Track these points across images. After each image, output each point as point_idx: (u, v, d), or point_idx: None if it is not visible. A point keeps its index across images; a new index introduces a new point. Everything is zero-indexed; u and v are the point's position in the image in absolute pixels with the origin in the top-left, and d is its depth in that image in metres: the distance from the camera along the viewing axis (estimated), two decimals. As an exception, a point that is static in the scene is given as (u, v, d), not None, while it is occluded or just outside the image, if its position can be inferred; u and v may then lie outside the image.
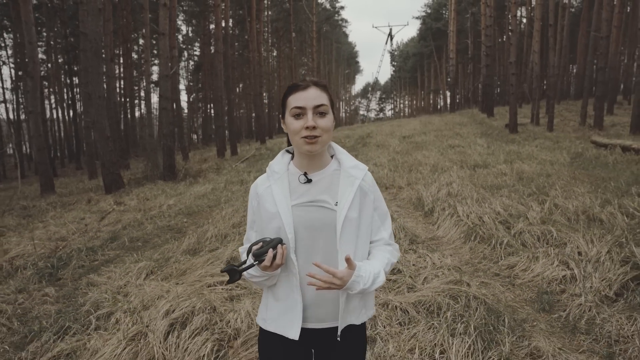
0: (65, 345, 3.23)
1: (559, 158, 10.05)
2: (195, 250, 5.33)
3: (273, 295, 1.52)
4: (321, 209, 1.45)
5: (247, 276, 1.45)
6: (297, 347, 1.50)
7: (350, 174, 1.50)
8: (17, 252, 6.07)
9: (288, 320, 1.46)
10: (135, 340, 3.09)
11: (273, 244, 1.38)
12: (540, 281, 3.76)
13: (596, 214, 5.09)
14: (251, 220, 1.59)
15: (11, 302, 4.31)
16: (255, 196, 1.55)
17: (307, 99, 1.40)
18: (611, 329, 2.90)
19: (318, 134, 1.40)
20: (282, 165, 1.54)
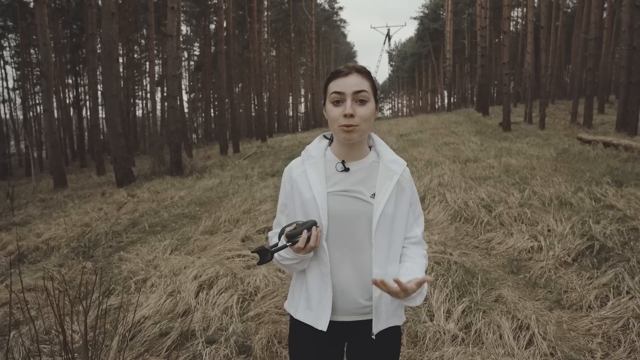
0: (113, 301, 3.87)
1: (546, 153, 10.71)
2: (211, 231, 5.98)
3: (302, 284, 1.50)
4: (356, 200, 1.42)
5: (278, 258, 1.43)
6: (328, 339, 1.47)
7: (390, 168, 1.47)
8: (49, 235, 6.71)
9: (317, 311, 1.44)
10: (172, 295, 3.73)
11: (307, 226, 1.36)
12: (512, 251, 4.42)
13: (568, 199, 5.75)
14: (282, 204, 1.56)
15: (56, 274, 4.95)
16: (289, 179, 1.52)
17: (346, 84, 1.38)
18: (563, 283, 3.55)
19: (356, 123, 1.37)
20: (319, 150, 1.51)
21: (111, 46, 11.64)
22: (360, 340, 1.48)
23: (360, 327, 1.45)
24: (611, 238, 4.19)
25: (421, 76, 70.52)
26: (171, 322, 3.30)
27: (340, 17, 59.26)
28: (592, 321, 2.98)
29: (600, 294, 3.25)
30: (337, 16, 58.37)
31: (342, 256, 1.42)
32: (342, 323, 1.45)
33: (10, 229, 7.76)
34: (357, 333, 1.47)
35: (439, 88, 58.33)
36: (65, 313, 3.79)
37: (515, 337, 2.72)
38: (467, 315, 3.04)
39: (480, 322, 2.89)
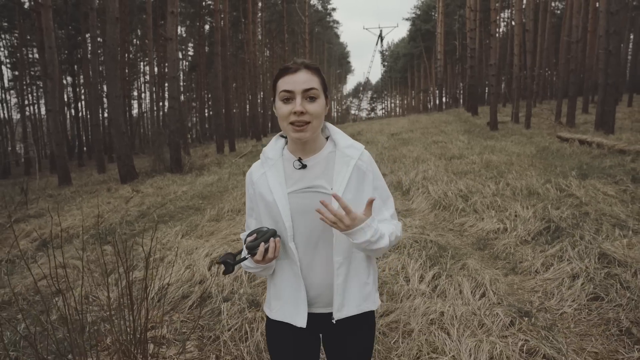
0: (137, 274, 4.50)
1: (526, 150, 11.42)
2: (216, 219, 6.62)
3: (277, 284, 1.51)
4: (318, 195, 1.41)
5: (243, 267, 1.45)
6: (306, 333, 1.50)
7: (346, 154, 1.46)
8: (67, 225, 7.32)
9: (294, 308, 1.45)
10: (189, 267, 4.38)
11: (266, 237, 1.35)
12: (481, 232, 5.11)
13: (536, 189, 6.45)
14: (249, 208, 1.57)
15: (80, 256, 5.56)
16: (250, 184, 1.53)
17: (295, 82, 1.36)
18: (519, 256, 4.24)
19: (307, 120, 1.37)
20: (275, 151, 1.50)
21: (115, 49, 12.23)
22: (335, 329, 1.49)
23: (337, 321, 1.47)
24: (565, 220, 4.88)
25: (413, 76, 71.35)
26: (191, 288, 3.95)
27: (333, 18, 59.97)
28: (537, 282, 3.66)
29: (546, 262, 3.94)
30: (330, 17, 59.08)
31: (311, 252, 1.43)
32: (317, 315, 1.47)
33: (27, 220, 8.36)
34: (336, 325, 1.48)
35: (431, 88, 59.16)
36: (97, 283, 4.44)
37: (473, 293, 3.39)
38: (436, 279, 3.71)
39: (446, 282, 3.57)
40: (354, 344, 1.51)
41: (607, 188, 6.11)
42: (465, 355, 2.43)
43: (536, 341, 2.62)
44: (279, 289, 1.49)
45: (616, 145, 9.41)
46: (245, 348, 2.92)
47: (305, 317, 1.43)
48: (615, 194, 5.80)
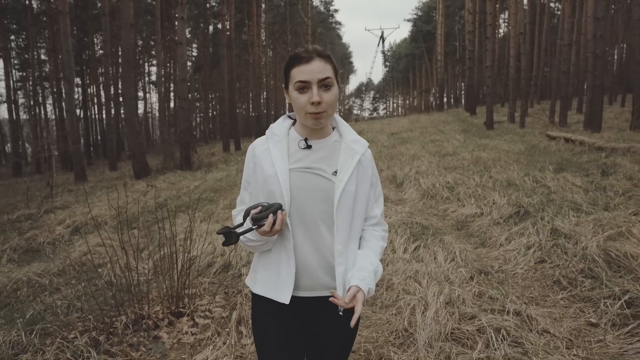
0: (166, 251, 5.29)
1: (515, 148, 12.18)
2: (230, 208, 7.42)
3: (265, 259, 1.51)
4: (317, 177, 1.45)
5: (243, 240, 1.44)
6: (289, 313, 1.49)
7: (352, 147, 1.50)
8: (94, 214, 8.13)
9: (279, 285, 1.45)
10: (211, 244, 5.18)
11: (273, 209, 1.37)
12: (460, 216, 5.90)
13: (514, 181, 7.23)
14: (246, 181, 1.57)
15: (111, 238, 6.37)
16: (252, 157, 1.54)
17: (311, 72, 1.38)
18: (489, 234, 5.03)
19: (324, 109, 1.39)
20: (282, 129, 1.54)
21: (130, 53, 13.05)
22: (322, 315, 1.50)
23: (322, 303, 1.46)
24: (533, 206, 5.66)
25: (415, 77, 72.06)
26: (214, 259, 4.75)
27: (335, 20, 60.71)
28: (500, 252, 4.45)
29: (509, 237, 4.73)
30: (333, 18, 59.83)
31: (304, 233, 1.44)
32: (303, 299, 1.47)
33: (54, 211, 9.17)
34: (319, 309, 1.49)
35: (432, 88, 59.88)
36: (133, 257, 5.23)
37: (445, 259, 4.18)
38: (417, 250, 4.50)
39: (424, 251, 4.36)
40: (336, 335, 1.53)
41: (576, 180, 6.89)
42: (430, 295, 3.22)
43: (486, 288, 3.41)
44: (268, 263, 1.49)
45: (596, 143, 10.16)
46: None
47: (289, 294, 1.42)
48: (582, 185, 6.57)
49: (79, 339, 3.12)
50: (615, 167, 7.60)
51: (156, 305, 3.64)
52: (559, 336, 2.77)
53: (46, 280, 4.64)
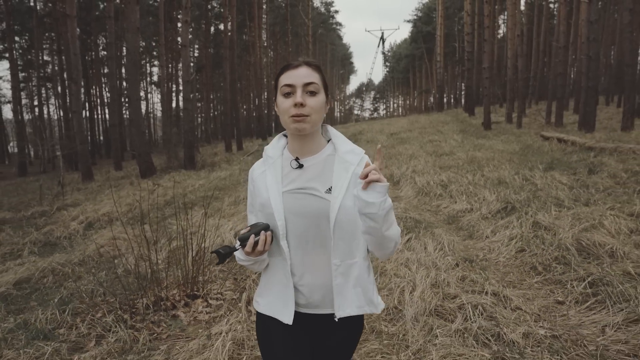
0: (177, 243, 5.70)
1: (510, 148, 12.57)
2: (235, 204, 7.83)
3: (268, 280, 1.54)
4: (310, 197, 1.44)
5: (236, 259, 1.49)
6: (296, 330, 1.50)
7: (345, 159, 1.47)
8: (104, 211, 8.54)
9: (281, 305, 1.48)
10: (219, 236, 5.58)
11: (256, 230, 1.39)
12: (452, 212, 6.30)
13: (504, 179, 7.62)
14: (250, 204, 1.60)
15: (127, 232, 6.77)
16: (251, 180, 1.56)
17: (297, 76, 1.40)
18: (478, 227, 5.43)
19: (307, 113, 1.39)
20: (276, 150, 1.54)
21: (136, 56, 13.46)
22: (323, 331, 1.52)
23: (324, 320, 1.49)
24: (520, 202, 6.06)
25: (415, 77, 72.47)
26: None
27: (336, 20, 61.15)
28: (485, 244, 4.85)
29: (495, 230, 5.13)
30: (333, 19, 60.28)
31: (303, 253, 1.45)
32: (307, 315, 1.49)
33: (66, 208, 9.58)
34: (321, 325, 1.51)
35: (432, 89, 60.26)
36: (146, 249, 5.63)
37: (434, 249, 4.58)
38: (409, 241, 4.90)
39: (415, 242, 4.76)
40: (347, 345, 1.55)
41: (563, 178, 7.28)
42: (418, 279, 3.62)
43: (469, 273, 3.81)
44: (270, 285, 1.52)
45: (586, 143, 10.55)
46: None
47: (292, 314, 1.45)
48: (568, 182, 6.97)
49: (106, 316, 3.52)
50: (601, 166, 7.98)
51: (173, 289, 4.04)
52: (529, 312, 3.17)
53: (69, 270, 5.05)
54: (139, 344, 3.12)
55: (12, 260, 5.80)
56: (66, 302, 3.91)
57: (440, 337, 2.81)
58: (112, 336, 3.20)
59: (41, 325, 3.46)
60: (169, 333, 3.31)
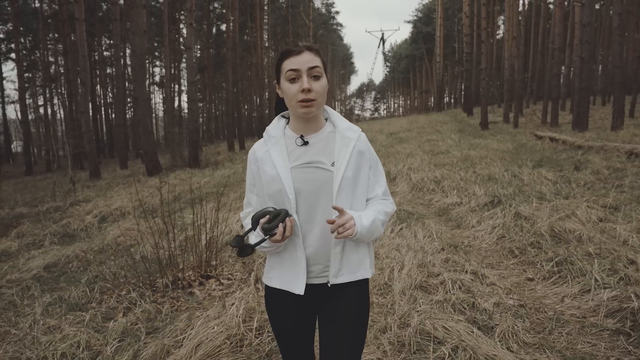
0: (189, 233, 6.16)
1: (504, 147, 13.03)
2: (240, 199, 8.30)
3: (278, 256, 1.60)
4: (318, 170, 1.52)
5: (257, 247, 1.52)
6: (303, 301, 1.59)
7: (345, 135, 1.57)
8: (116, 206, 9.01)
9: (293, 277, 1.55)
10: (227, 227, 6.05)
11: (281, 218, 1.44)
12: (443, 205, 6.76)
13: (494, 175, 8.09)
14: (251, 185, 1.67)
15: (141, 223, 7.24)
16: (254, 161, 1.62)
17: (301, 62, 1.46)
18: (465, 218, 5.89)
19: (314, 97, 1.47)
20: (278, 130, 1.61)
21: (143, 58, 13.94)
22: (332, 299, 1.59)
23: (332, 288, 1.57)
24: (506, 196, 6.52)
25: (415, 77, 72.91)
26: (231, 238, 5.62)
27: (336, 21, 61.60)
28: (471, 232, 5.32)
29: (480, 220, 5.59)
30: (334, 20, 60.73)
31: (311, 224, 1.53)
32: (315, 286, 1.56)
33: (78, 204, 10.05)
34: (330, 293, 1.58)
35: (432, 89, 60.70)
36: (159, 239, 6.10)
37: (423, 236, 5.04)
38: (402, 230, 5.37)
39: (406, 230, 5.23)
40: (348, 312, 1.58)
41: (549, 174, 7.74)
42: (406, 260, 4.09)
43: (453, 256, 4.28)
44: (281, 260, 1.59)
45: (576, 142, 11.01)
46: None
47: (304, 285, 1.53)
48: (553, 178, 7.43)
49: (131, 293, 3.99)
50: (586, 163, 8.45)
51: (188, 270, 4.51)
52: (502, 287, 3.64)
53: (90, 256, 5.52)
54: (162, 314, 3.59)
55: (36, 249, 6.28)
56: (93, 283, 4.38)
57: (423, 306, 3.28)
58: (138, 308, 3.67)
59: (74, 300, 3.93)
60: (188, 306, 3.78)
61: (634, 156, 8.47)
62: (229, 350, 2.78)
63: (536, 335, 2.89)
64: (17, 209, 9.85)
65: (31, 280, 4.66)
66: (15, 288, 4.37)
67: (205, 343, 2.79)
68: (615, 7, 13.29)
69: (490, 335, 2.87)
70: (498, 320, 3.04)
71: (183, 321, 3.32)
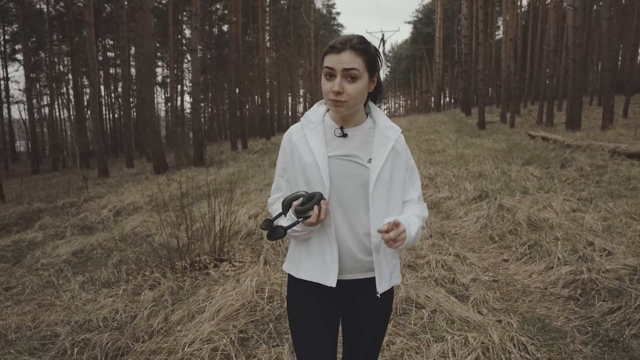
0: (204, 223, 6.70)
1: (498, 146, 13.56)
2: (246, 194, 8.84)
3: (307, 246, 1.56)
4: (354, 164, 1.50)
5: (288, 231, 1.48)
6: (328, 296, 1.56)
7: (385, 134, 1.54)
8: (129, 201, 9.56)
9: (325, 268, 1.50)
10: (231, 218, 6.59)
11: (316, 200, 1.41)
12: (435, 199, 7.30)
13: (484, 172, 8.62)
14: (282, 169, 1.64)
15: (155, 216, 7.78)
16: (289, 144, 1.59)
17: (338, 61, 1.42)
18: (455, 211, 6.42)
19: (344, 99, 1.43)
20: (318, 116, 1.58)
21: (151, 60, 14.48)
22: (360, 298, 1.57)
23: (361, 285, 1.54)
24: (493, 191, 7.05)
25: (416, 77, 73.43)
26: (240, 228, 6.16)
27: (337, 22, 62.11)
28: (458, 223, 5.85)
29: (467, 212, 6.13)
30: (335, 21, 61.25)
31: (343, 218, 1.50)
32: (345, 282, 1.53)
33: (92, 200, 10.60)
34: (357, 292, 1.56)
35: (432, 89, 61.21)
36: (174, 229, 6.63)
37: (415, 226, 5.57)
38: (395, 221, 5.90)
39: (400, 221, 5.77)
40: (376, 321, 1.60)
41: (535, 171, 8.28)
42: (397, 244, 4.62)
43: (439, 241, 4.81)
44: (312, 249, 1.54)
45: (565, 141, 11.54)
46: (281, 252, 5.13)
47: (335, 277, 1.48)
48: (538, 175, 7.96)
49: (154, 273, 4.53)
50: (572, 161, 8.98)
51: (203, 255, 5.04)
52: (480, 266, 4.17)
53: (112, 244, 6.06)
54: (183, 290, 4.13)
55: (58, 239, 6.82)
56: (118, 266, 4.92)
57: (409, 281, 3.81)
58: (162, 285, 4.20)
59: (105, 279, 4.47)
60: (205, 283, 4.32)
61: (616, 154, 8.99)
62: (245, 313, 3.32)
63: (504, 303, 3.43)
64: (35, 204, 10.39)
65: (62, 264, 5.21)
66: (51, 270, 4.91)
67: (224, 308, 3.33)
68: (604, 12, 13.82)
69: (464, 302, 3.40)
70: (473, 292, 3.57)
71: (203, 294, 3.85)
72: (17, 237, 6.91)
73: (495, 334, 2.77)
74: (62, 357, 2.96)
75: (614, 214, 5.02)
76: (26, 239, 6.81)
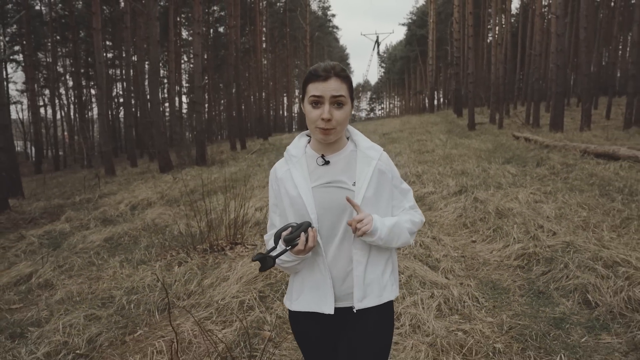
0: (217, 213, 7.54)
1: (484, 146, 14.47)
2: (251, 190, 9.70)
3: (301, 278, 1.60)
4: (339, 190, 1.52)
5: (278, 262, 1.51)
6: (328, 325, 1.58)
7: (367, 154, 1.57)
8: (142, 197, 10.40)
9: (321, 297, 1.53)
10: (242, 209, 7.44)
11: (303, 228, 1.43)
12: (420, 193, 8.19)
13: (467, 170, 9.52)
14: (273, 205, 1.66)
15: (169, 210, 8.62)
16: (275, 180, 1.63)
17: (325, 89, 1.44)
18: (437, 204, 7.31)
19: (333, 126, 1.46)
20: (299, 149, 1.62)
21: (157, 65, 15.31)
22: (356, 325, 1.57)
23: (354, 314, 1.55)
24: (472, 186, 7.95)
25: (410, 78, 74.44)
26: (248, 218, 7.02)
27: (333, 24, 63.07)
28: (439, 213, 6.74)
29: (447, 204, 7.02)
30: (330, 23, 62.19)
31: (333, 245, 1.53)
32: (339, 309, 1.55)
33: (107, 196, 11.42)
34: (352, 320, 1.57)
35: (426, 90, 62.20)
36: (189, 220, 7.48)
37: (401, 216, 6.46)
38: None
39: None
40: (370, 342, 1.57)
41: (512, 169, 9.19)
42: (385, 229, 5.50)
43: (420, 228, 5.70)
44: (304, 282, 1.58)
45: (545, 141, 12.47)
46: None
47: (332, 304, 1.52)
48: (514, 172, 8.87)
49: (180, 254, 5.39)
50: (547, 160, 9.90)
51: (220, 239, 5.91)
52: (452, 246, 5.06)
53: (137, 233, 6.91)
54: (207, 265, 4.99)
55: (85, 230, 7.65)
56: (147, 249, 5.77)
57: (393, 256, 4.69)
58: (190, 262, 5.07)
59: (139, 258, 5.33)
60: (225, 260, 5.18)
61: (586, 154, 9.92)
62: (262, 279, 4.19)
63: (467, 272, 4.32)
64: (54, 200, 11.20)
65: (97, 248, 6.06)
66: (90, 252, 5.75)
67: (245, 275, 4.20)
68: (582, 21, 14.78)
69: (435, 271, 4.29)
70: (443, 264, 4.46)
71: (225, 267, 4.72)
72: (48, 228, 7.74)
73: (456, 290, 3.65)
74: (121, 311, 3.82)
75: (568, 204, 5.92)
76: (56, 230, 7.65)
